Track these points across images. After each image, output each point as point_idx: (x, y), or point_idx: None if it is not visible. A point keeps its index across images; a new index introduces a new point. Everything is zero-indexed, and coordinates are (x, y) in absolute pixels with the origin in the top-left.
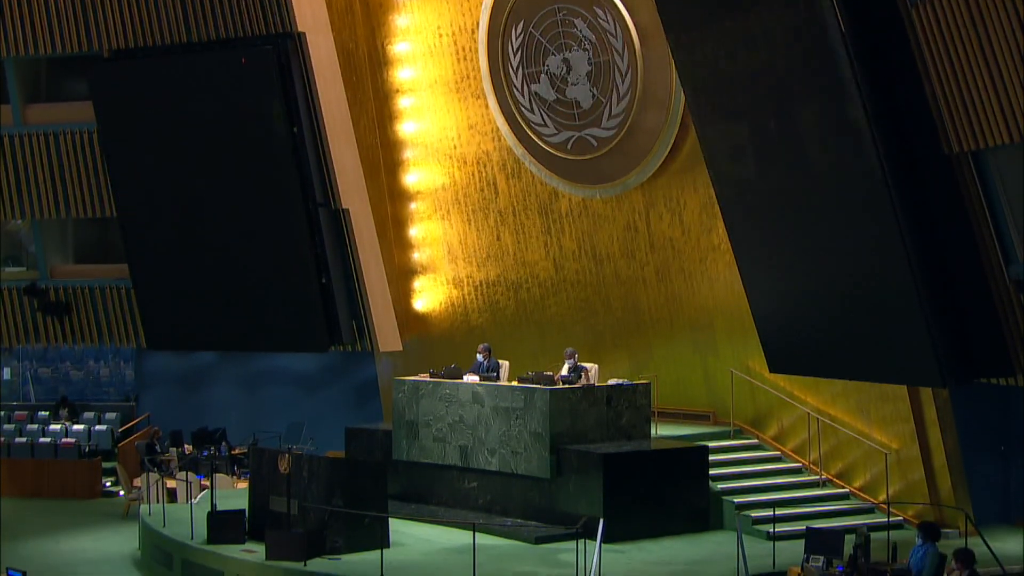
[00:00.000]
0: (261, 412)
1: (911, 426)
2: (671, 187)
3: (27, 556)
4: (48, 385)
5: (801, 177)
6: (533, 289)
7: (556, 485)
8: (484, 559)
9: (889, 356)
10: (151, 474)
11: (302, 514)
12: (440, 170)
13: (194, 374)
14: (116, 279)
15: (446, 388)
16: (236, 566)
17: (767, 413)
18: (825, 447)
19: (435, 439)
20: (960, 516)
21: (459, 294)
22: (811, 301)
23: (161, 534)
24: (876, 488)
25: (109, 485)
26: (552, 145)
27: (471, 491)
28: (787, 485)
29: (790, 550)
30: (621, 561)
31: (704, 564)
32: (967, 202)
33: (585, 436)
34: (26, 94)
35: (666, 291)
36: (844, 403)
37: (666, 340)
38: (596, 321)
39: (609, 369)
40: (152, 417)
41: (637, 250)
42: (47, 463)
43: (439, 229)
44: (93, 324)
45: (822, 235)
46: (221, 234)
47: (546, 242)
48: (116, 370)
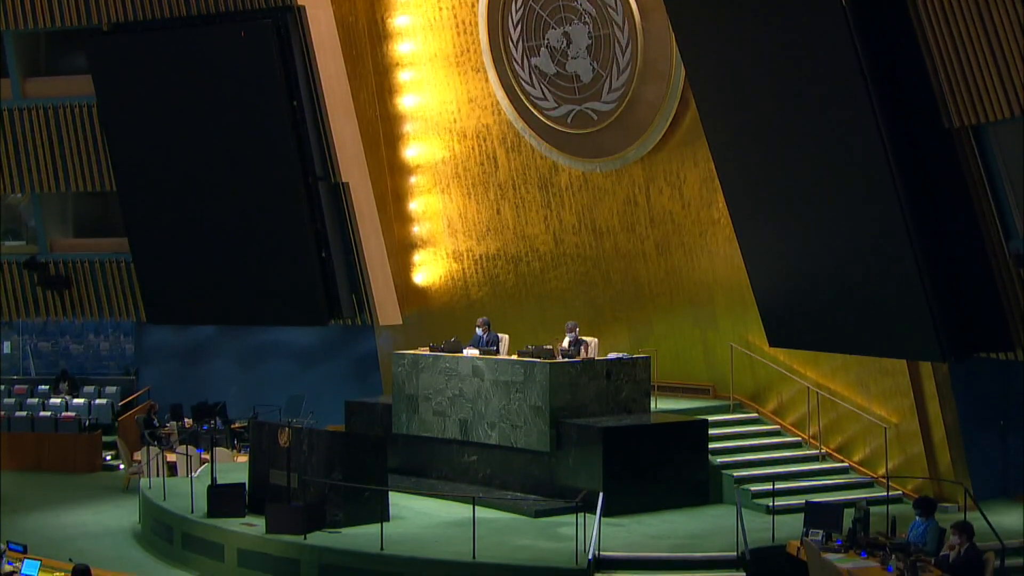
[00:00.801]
0: (261, 386)
1: (911, 400)
2: (671, 161)
3: (27, 530)
4: (48, 359)
5: (801, 151)
6: (533, 263)
7: (556, 459)
8: (484, 532)
9: (889, 330)
10: (151, 448)
11: (302, 488)
12: (440, 144)
13: (194, 348)
14: (116, 253)
15: (446, 362)
16: (236, 539)
17: (767, 387)
18: (824, 421)
19: (435, 413)
20: (959, 490)
21: (459, 268)
22: (811, 275)
23: (161, 507)
24: (875, 462)
25: (109, 459)
26: (552, 119)
27: (471, 465)
28: (786, 459)
29: (789, 524)
30: (620, 535)
31: (703, 538)
32: (967, 177)
33: (585, 410)
34: (25, 68)
35: (666, 265)
36: (844, 377)
37: (666, 314)
38: (596, 295)
39: (609, 343)
40: (152, 391)
41: (637, 224)
42: (47, 437)
43: (439, 203)
44: (93, 298)
45: (822, 209)
46: (221, 208)
47: (546, 216)
48: (116, 344)
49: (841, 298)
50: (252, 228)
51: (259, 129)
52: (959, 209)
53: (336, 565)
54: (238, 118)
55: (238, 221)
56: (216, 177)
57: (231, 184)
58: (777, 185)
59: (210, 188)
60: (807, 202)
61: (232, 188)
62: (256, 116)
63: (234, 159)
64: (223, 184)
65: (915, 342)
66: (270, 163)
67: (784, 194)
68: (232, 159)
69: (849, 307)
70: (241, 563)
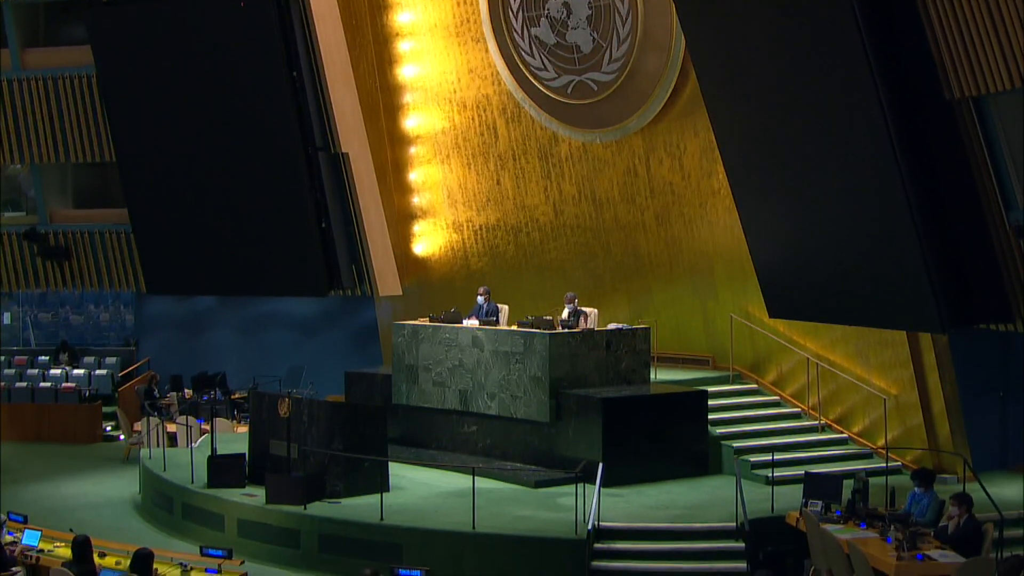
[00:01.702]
0: (261, 356)
1: (910, 372)
2: (671, 131)
3: (28, 500)
4: (48, 330)
5: (802, 122)
6: (533, 233)
7: (555, 429)
8: (483, 503)
9: (889, 302)
10: (151, 418)
11: (302, 458)
12: (440, 114)
13: (194, 318)
14: (116, 224)
15: (446, 332)
16: (236, 510)
17: (766, 358)
18: (824, 392)
19: (435, 383)
20: (958, 462)
21: (459, 238)
22: (811, 246)
23: (161, 478)
24: (875, 433)
25: (109, 429)
26: (552, 89)
27: (470, 435)
28: (786, 430)
29: (789, 495)
30: (620, 505)
31: (703, 508)
32: (968, 148)
33: (584, 380)
34: (24, 38)
35: (666, 236)
36: (843, 348)
37: (666, 285)
38: (596, 265)
39: (609, 313)
40: (152, 362)
41: (637, 194)
42: (47, 408)
43: (439, 173)
44: (93, 269)
45: (822, 180)
46: (221, 179)
47: (546, 186)
48: (116, 315)
49: (841, 269)
50: (252, 199)
51: (259, 99)
52: (959, 180)
53: (336, 535)
54: (238, 88)
55: (238, 192)
56: (216, 148)
57: (231, 155)
58: (777, 156)
59: (210, 159)
60: (807, 173)
61: (232, 159)
62: (256, 86)
63: (234, 129)
64: (223, 155)
65: (915, 313)
66: (270, 133)
67: (784, 165)
68: (232, 129)
69: (849, 278)
70: (241, 533)
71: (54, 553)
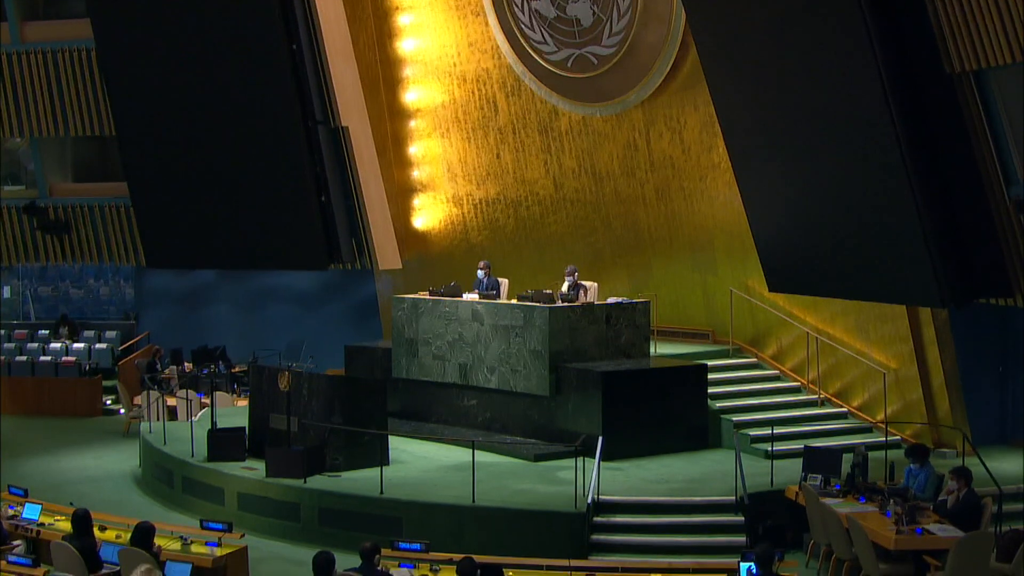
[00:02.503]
0: (261, 330)
1: (910, 346)
2: (671, 105)
3: (28, 474)
4: (48, 304)
5: (802, 96)
6: (533, 207)
7: (555, 403)
8: (483, 476)
9: (889, 276)
10: (151, 392)
11: (302, 432)
12: (440, 88)
13: (194, 292)
14: (115, 197)
15: (445, 306)
16: (236, 483)
17: (766, 332)
18: (824, 366)
19: (435, 357)
20: (958, 436)
21: (459, 212)
22: (811, 221)
23: (162, 452)
24: (874, 407)
25: (110, 403)
26: (552, 63)
27: (470, 409)
28: (786, 404)
29: (788, 469)
30: (619, 479)
31: (702, 482)
32: (968, 122)
33: (584, 354)
34: (24, 11)
35: (666, 210)
36: (843, 322)
37: (665, 259)
38: (596, 239)
39: (608, 287)
40: (152, 335)
41: (637, 168)
42: (48, 381)
43: (439, 147)
44: (92, 242)
45: (822, 154)
46: (220, 152)
47: (546, 160)
48: (116, 288)
49: (841, 243)
50: (251, 172)
51: (258, 73)
52: (960, 155)
53: (336, 509)
54: (237, 62)
55: (237, 165)
56: (215, 121)
57: (230, 128)
58: (777, 130)
59: (209, 132)
60: (807, 147)
61: (231, 132)
62: (255, 60)
63: (233, 103)
64: (222, 128)
65: (915, 287)
66: (269, 107)
67: (785, 139)
68: (231, 103)
69: (849, 252)
70: (241, 507)
71: (54, 527)
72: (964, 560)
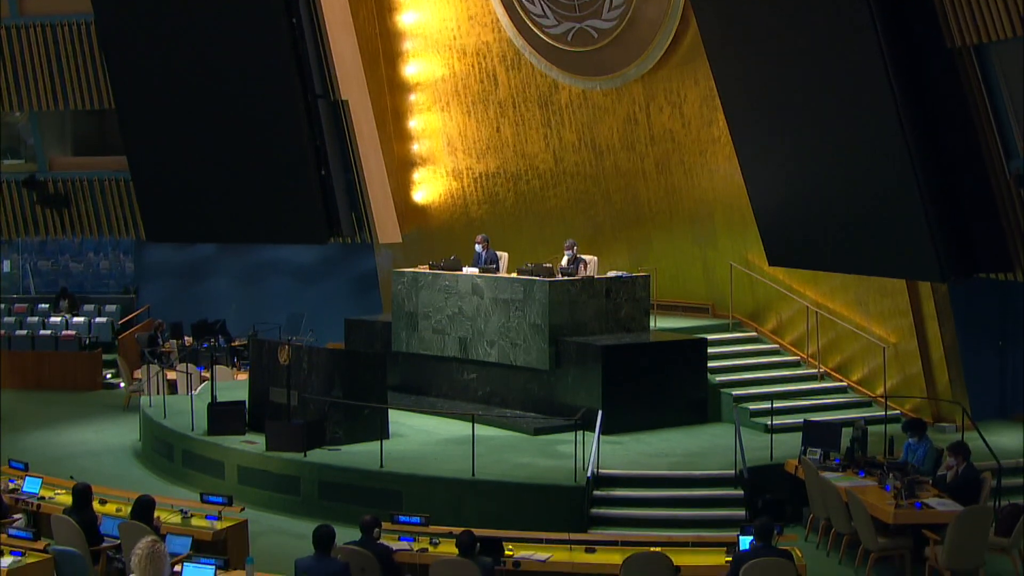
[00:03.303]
0: (260, 304)
1: (909, 320)
2: (671, 79)
3: (28, 447)
4: (48, 278)
5: (802, 70)
6: (533, 181)
7: (555, 377)
8: (483, 450)
9: (888, 250)
10: (151, 366)
11: (302, 405)
12: (440, 61)
13: (193, 266)
14: (115, 171)
15: (445, 280)
16: (236, 457)
17: (766, 306)
18: (823, 341)
19: (434, 331)
20: (957, 410)
21: (459, 186)
22: (811, 194)
23: (162, 425)
24: (874, 382)
25: (110, 377)
26: (552, 36)
27: (470, 382)
28: (785, 378)
29: (788, 443)
30: (619, 452)
31: (702, 456)
32: (969, 96)
33: (584, 328)
34: None
35: (666, 183)
36: (843, 297)
37: (665, 233)
38: (595, 213)
39: (608, 261)
40: (152, 309)
41: (637, 142)
42: (48, 355)
43: (439, 121)
44: (92, 216)
45: (823, 129)
46: (220, 126)
47: (546, 134)
48: (116, 262)
49: (841, 217)
50: (251, 146)
51: (258, 46)
52: (960, 129)
53: (336, 482)
54: (237, 35)
55: (237, 139)
56: (215, 95)
57: (230, 102)
58: (778, 104)
59: (209, 106)
60: (808, 121)
61: (231, 106)
62: (255, 33)
63: (233, 77)
64: (222, 102)
65: (915, 262)
66: (269, 81)
67: (785, 113)
68: (231, 77)
69: (849, 226)
70: (241, 480)
71: (55, 500)
72: (963, 534)
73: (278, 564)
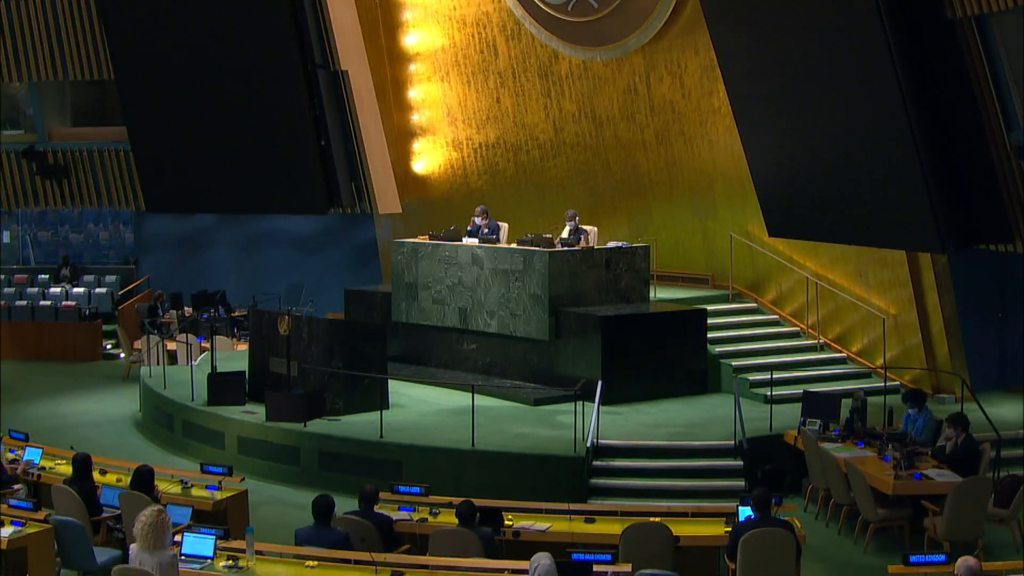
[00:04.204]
0: (260, 274)
1: (909, 291)
2: (672, 49)
3: (29, 418)
4: (48, 248)
5: (803, 40)
6: (533, 151)
7: (555, 347)
8: (482, 420)
9: (889, 221)
10: (151, 336)
11: (302, 376)
12: (440, 31)
13: (193, 236)
14: (114, 141)
15: (445, 250)
16: (236, 427)
17: (766, 277)
18: (823, 311)
19: (434, 301)
20: (956, 382)
21: (459, 156)
22: (811, 165)
23: (162, 396)
24: (873, 353)
25: (110, 348)
26: (552, 6)
27: (470, 353)
28: (785, 349)
29: (787, 413)
30: (619, 423)
31: (701, 427)
32: (970, 68)
33: (584, 298)
34: None
35: (666, 154)
36: (843, 268)
37: (665, 203)
38: (595, 184)
39: (608, 232)
40: (152, 280)
41: (637, 113)
42: (48, 326)
43: (438, 91)
44: (92, 187)
45: (823, 99)
46: (220, 97)
47: (546, 104)
48: (115, 233)
49: (841, 189)
50: (251, 116)
51: (258, 16)
52: (961, 100)
53: (335, 452)
54: (237, 4)
55: (237, 109)
56: (215, 65)
57: (230, 72)
58: (778, 74)
59: (209, 76)
60: (808, 92)
61: (231, 76)
62: (255, 3)
63: (233, 46)
64: (222, 72)
65: (915, 233)
66: (269, 51)
67: (785, 83)
68: (231, 46)
69: (849, 198)
70: (241, 451)
71: (55, 470)
72: (962, 505)
73: (278, 534)
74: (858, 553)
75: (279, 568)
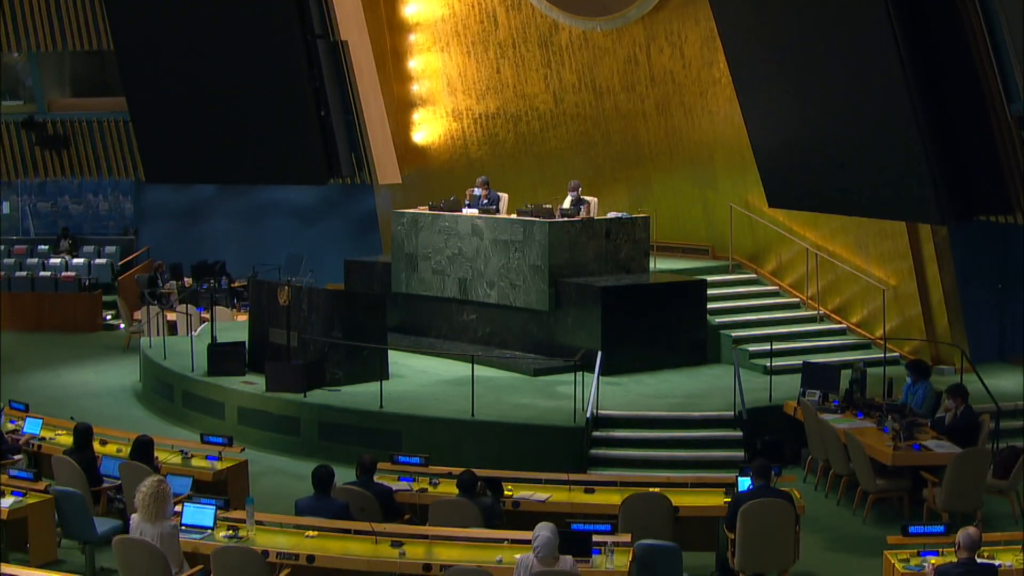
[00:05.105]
0: (260, 245)
1: (909, 263)
2: (672, 20)
3: (28, 389)
4: (47, 219)
5: (803, 10)
6: (533, 122)
7: (555, 318)
8: (482, 391)
9: (889, 192)
10: (151, 307)
11: (301, 346)
12: (439, 1)
13: (193, 207)
14: (114, 112)
15: (445, 220)
16: (236, 397)
17: (766, 248)
18: (823, 283)
19: (434, 272)
20: (956, 353)
21: (458, 127)
22: (811, 136)
23: (162, 366)
24: (873, 324)
25: (109, 318)
26: None
27: (470, 323)
28: (785, 320)
29: (787, 384)
30: (618, 393)
31: (701, 397)
32: (970, 38)
33: (584, 269)
34: None
35: (666, 125)
36: (843, 239)
37: (665, 174)
38: (595, 154)
39: (608, 202)
40: (151, 250)
41: (637, 83)
42: (47, 296)
43: (438, 61)
44: (91, 158)
45: (824, 70)
46: (219, 67)
47: (546, 75)
48: (115, 203)
49: (841, 159)
50: (251, 87)
51: None
52: (961, 71)
53: (335, 423)
54: None
55: (236, 80)
56: (214, 35)
57: (229, 42)
58: (778, 45)
59: (208, 46)
60: (808, 62)
61: (230, 46)
62: None
63: (232, 17)
64: (221, 42)
65: (915, 204)
66: (268, 21)
67: (786, 54)
68: (230, 16)
69: (849, 169)
70: (241, 421)
71: (55, 441)
72: (961, 476)
73: (278, 504)
74: (857, 523)
75: (279, 538)
